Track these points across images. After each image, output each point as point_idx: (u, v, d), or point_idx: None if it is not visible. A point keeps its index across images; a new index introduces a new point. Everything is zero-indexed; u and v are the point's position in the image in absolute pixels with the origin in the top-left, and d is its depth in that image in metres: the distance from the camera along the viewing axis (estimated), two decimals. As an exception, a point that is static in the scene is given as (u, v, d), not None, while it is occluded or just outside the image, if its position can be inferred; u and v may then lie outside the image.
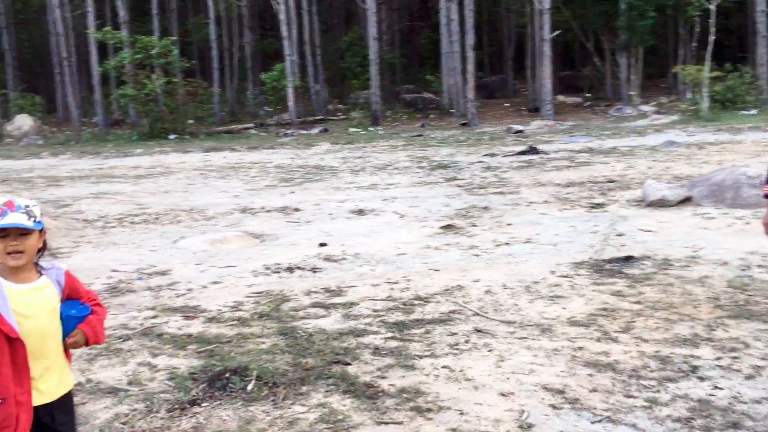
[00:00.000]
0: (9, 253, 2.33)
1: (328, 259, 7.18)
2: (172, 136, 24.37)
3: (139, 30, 32.86)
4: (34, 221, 2.36)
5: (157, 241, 8.31)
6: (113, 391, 4.00)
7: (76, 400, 3.81)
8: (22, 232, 2.33)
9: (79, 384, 4.09)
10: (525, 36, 36.72)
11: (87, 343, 2.56)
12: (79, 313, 2.50)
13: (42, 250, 2.48)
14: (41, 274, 2.47)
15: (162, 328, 5.09)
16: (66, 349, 2.53)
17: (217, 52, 32.04)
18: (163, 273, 6.80)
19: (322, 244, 7.87)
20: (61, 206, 10.81)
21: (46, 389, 2.43)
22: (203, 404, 3.76)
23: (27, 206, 2.37)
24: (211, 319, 5.27)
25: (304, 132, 25.93)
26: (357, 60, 35.67)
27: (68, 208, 10.72)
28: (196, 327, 5.10)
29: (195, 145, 21.85)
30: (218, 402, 3.78)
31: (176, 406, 3.74)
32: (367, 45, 29.89)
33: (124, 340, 4.86)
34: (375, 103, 28.80)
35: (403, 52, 42.76)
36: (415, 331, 4.85)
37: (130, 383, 4.10)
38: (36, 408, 2.40)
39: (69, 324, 2.48)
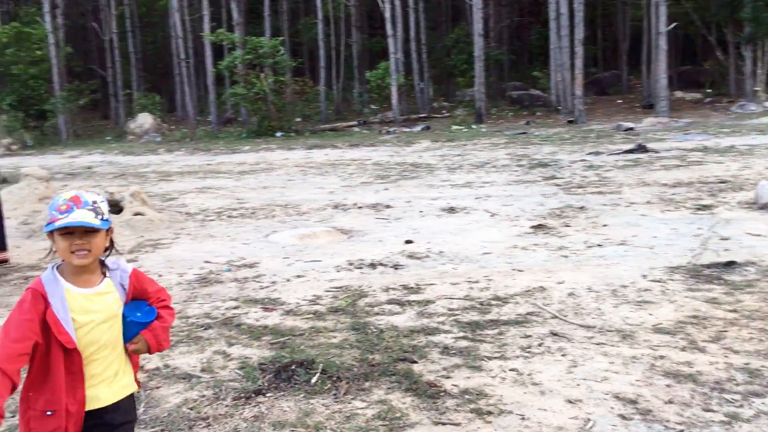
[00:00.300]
0: (74, 252, 2.17)
1: (411, 256, 7.15)
2: (278, 134, 25.10)
3: (252, 32, 34.12)
4: (101, 219, 2.19)
5: (251, 234, 8.56)
6: (187, 377, 4.14)
7: (152, 383, 4.02)
8: (88, 230, 2.17)
9: (157, 369, 4.29)
10: (641, 29, 35.18)
11: (149, 351, 2.39)
12: (143, 318, 2.35)
13: (109, 249, 2.32)
14: (105, 276, 2.31)
15: (241, 319, 5.23)
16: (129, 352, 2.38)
17: (324, 52, 32.70)
18: (251, 265, 7.00)
19: (408, 242, 7.85)
20: (167, 200, 11.36)
21: (95, 395, 2.26)
22: (267, 394, 3.83)
23: (94, 202, 2.20)
24: (288, 312, 5.37)
25: (407, 130, 26.00)
26: (462, 57, 35.37)
27: (174, 201, 11.24)
28: (273, 319, 5.21)
29: (299, 143, 22.39)
30: (282, 393, 3.84)
31: (242, 395, 3.82)
32: (473, 42, 29.60)
33: (205, 329, 5.03)
34: (479, 100, 28.47)
35: (512, 49, 42.02)
36: (488, 331, 4.74)
37: (203, 370, 4.23)
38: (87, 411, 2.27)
39: (131, 329, 2.34)
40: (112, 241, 2.33)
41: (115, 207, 9.24)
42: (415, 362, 4.22)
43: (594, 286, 5.74)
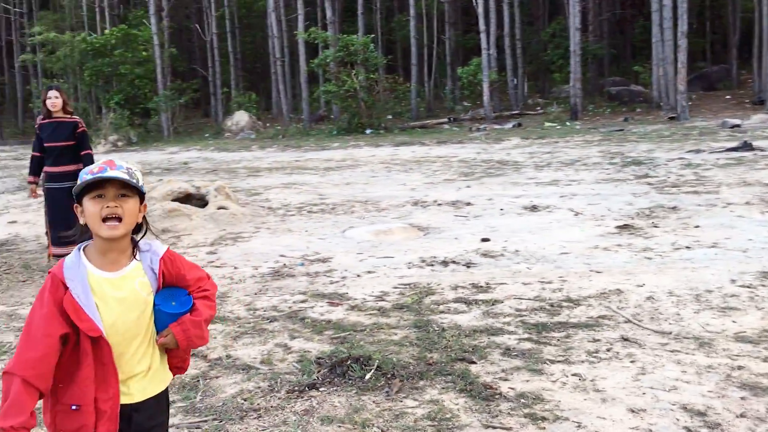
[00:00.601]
0: (105, 220, 1.98)
1: (485, 254, 6.99)
2: (368, 131, 25.27)
3: (347, 30, 34.54)
4: (137, 182, 2.02)
5: (328, 230, 8.62)
6: (246, 368, 4.19)
7: (212, 373, 4.09)
8: (123, 193, 2.00)
9: (219, 359, 4.37)
10: (752, 21, 33.18)
11: (179, 347, 2.13)
12: (174, 309, 2.11)
13: (143, 228, 2.12)
14: (134, 258, 2.10)
15: (306, 313, 5.26)
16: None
17: (417, 49, 32.65)
18: (324, 260, 7.04)
19: (485, 240, 7.69)
20: (252, 194, 11.64)
21: (125, 390, 2.06)
22: (321, 389, 3.82)
23: (129, 168, 2.03)
24: (353, 307, 5.35)
25: (497, 127, 25.60)
26: (559, 52, 34.47)
27: (258, 196, 11.50)
28: (337, 314, 5.20)
29: (388, 140, 22.46)
30: (335, 388, 3.82)
31: (296, 388, 3.83)
32: (569, 36, 28.79)
33: (270, 321, 5.09)
34: (574, 96, 27.68)
35: (613, 43, 40.62)
36: (555, 334, 4.55)
37: (262, 362, 4.27)
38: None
39: (161, 320, 2.11)
40: (145, 220, 2.13)
41: (201, 201, 9.54)
42: (474, 362, 4.11)
43: (676, 290, 5.43)
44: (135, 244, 2.11)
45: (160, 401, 2.17)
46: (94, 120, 30.72)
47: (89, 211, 1.99)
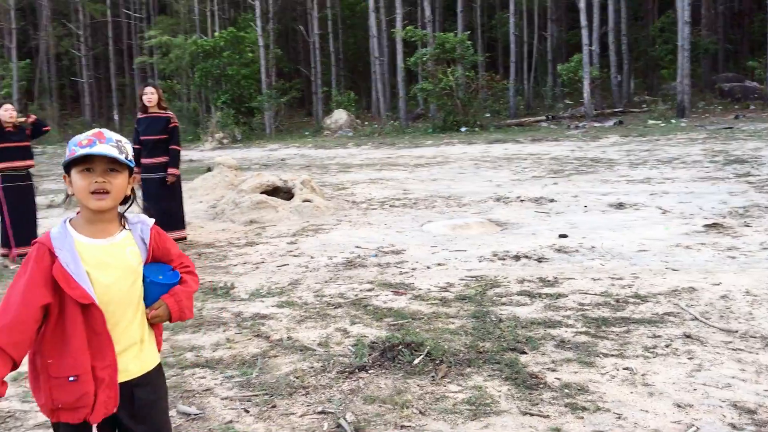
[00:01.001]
0: (93, 192, 1.97)
1: (560, 250, 6.90)
2: (463, 129, 25.19)
3: (449, 28, 34.54)
4: (125, 157, 2.01)
5: (407, 223, 8.74)
6: (303, 349, 4.37)
7: (272, 353, 4.29)
8: (111, 167, 1.99)
9: (280, 340, 4.57)
10: None
11: (170, 319, 2.14)
12: (166, 280, 2.13)
13: (130, 200, 2.12)
14: (124, 228, 2.09)
15: (371, 300, 5.39)
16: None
17: (516, 46, 32.23)
18: (397, 252, 7.16)
19: (562, 236, 7.58)
20: (339, 189, 11.92)
21: (123, 367, 2.05)
22: (370, 371, 3.94)
23: (119, 140, 2.02)
24: (416, 297, 5.44)
25: (597, 125, 24.89)
26: (667, 48, 33.06)
27: (344, 191, 11.77)
28: (400, 302, 5.31)
29: (482, 138, 22.33)
30: (383, 371, 3.92)
31: (347, 369, 3.96)
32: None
33: (335, 308, 5.26)
34: (681, 93, 26.50)
35: (730, 38, 38.55)
36: (615, 329, 4.47)
37: (319, 344, 4.44)
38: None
39: (152, 292, 2.11)
40: (133, 192, 2.12)
41: (288, 194, 9.89)
42: (525, 353, 4.11)
43: (754, 290, 5.19)
44: (121, 215, 2.11)
45: (159, 374, 2.18)
46: (203, 119, 32.21)
47: (77, 184, 1.99)
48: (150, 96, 7.74)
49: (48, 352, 1.98)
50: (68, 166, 2.01)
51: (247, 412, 3.49)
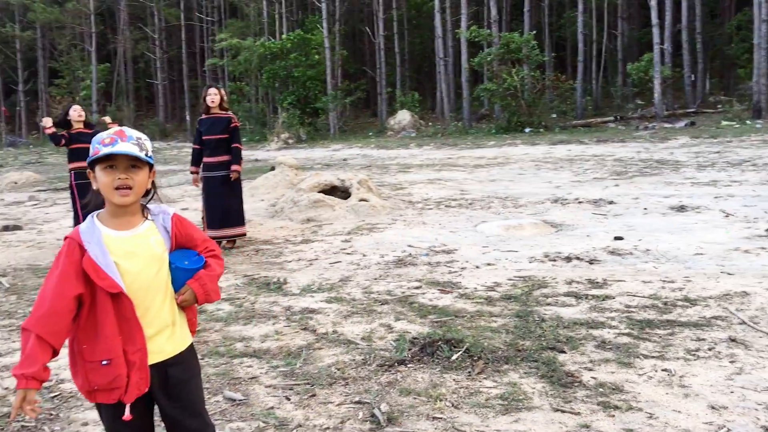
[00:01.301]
0: (117, 188, 2.11)
1: (613, 252, 6.84)
2: (527, 130, 24.97)
3: (516, 28, 34.27)
4: (146, 154, 2.15)
5: (461, 223, 8.79)
6: (347, 343, 4.51)
7: (317, 345, 4.45)
8: (133, 164, 2.13)
9: (326, 333, 4.72)
10: None
11: (197, 302, 2.28)
12: (191, 265, 2.25)
13: (151, 192, 2.27)
14: (146, 219, 2.24)
15: (417, 298, 5.50)
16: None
17: (584, 45, 31.68)
18: (448, 252, 7.23)
19: (618, 238, 7.50)
20: (396, 189, 12.05)
21: (158, 348, 2.20)
22: (408, 365, 4.04)
23: (139, 138, 2.16)
24: (462, 295, 5.51)
25: (667, 125, 24.26)
26: (744, 46, 31.91)
27: (401, 190, 11.89)
28: (445, 300, 5.39)
29: (545, 138, 22.08)
30: (422, 365, 4.02)
31: (386, 363, 4.08)
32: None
33: (381, 304, 5.39)
34: (757, 93, 25.58)
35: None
36: (659, 331, 4.44)
37: (363, 339, 4.57)
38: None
39: (179, 277, 2.24)
40: (154, 185, 2.27)
41: (345, 193, 10.08)
42: (563, 352, 4.13)
43: (811, 296, 5.04)
44: (143, 207, 2.24)
45: (191, 354, 2.32)
46: (270, 119, 32.93)
47: (102, 180, 2.13)
48: (213, 97, 8.03)
49: (82, 339, 2.12)
50: (92, 164, 2.15)
51: (288, 399, 3.65)
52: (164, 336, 2.22)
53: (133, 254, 2.16)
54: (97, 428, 3.39)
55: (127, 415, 2.15)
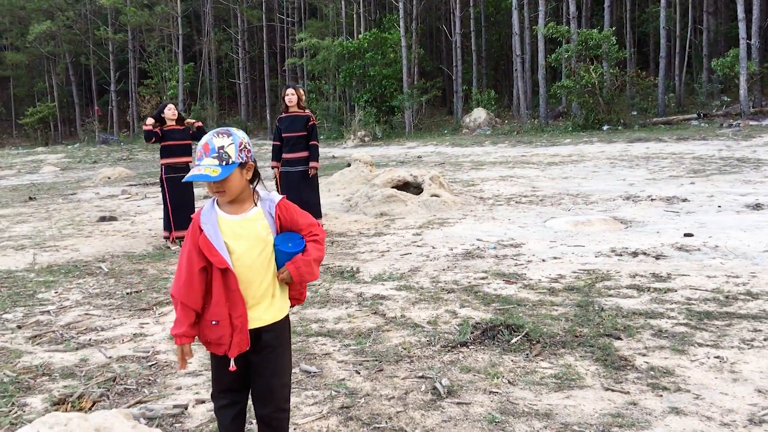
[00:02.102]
0: (215, 191, 2.50)
1: (681, 248, 6.90)
2: (605, 127, 24.62)
3: (598, 23, 33.71)
4: (226, 164, 2.44)
5: (530, 219, 8.96)
6: (414, 326, 4.83)
7: (386, 327, 4.79)
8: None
9: (394, 317, 5.05)
10: None
11: (294, 282, 2.62)
12: (291, 249, 2.56)
13: (255, 179, 2.59)
14: (255, 205, 2.57)
15: (482, 288, 5.76)
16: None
17: (666, 40, 30.85)
18: (516, 246, 7.44)
19: (687, 235, 7.52)
20: (468, 185, 12.27)
21: (257, 316, 2.57)
22: (470, 347, 4.33)
23: (221, 147, 2.45)
24: (526, 286, 5.74)
25: (754, 123, 23.43)
26: (841, 39, 30.38)
27: (473, 187, 12.10)
28: (509, 290, 5.63)
29: (623, 136, 21.75)
30: (482, 347, 4.30)
31: (449, 344, 4.38)
32: None
33: (448, 292, 5.67)
34: None
35: None
36: (717, 322, 4.56)
37: (428, 323, 4.88)
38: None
39: (280, 258, 2.57)
40: (256, 172, 2.58)
41: (417, 189, 10.39)
42: (620, 339, 4.32)
43: None
44: (255, 192, 2.60)
45: (284, 324, 2.67)
46: (347, 117, 33.58)
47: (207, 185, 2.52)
48: (291, 97, 8.49)
49: (206, 301, 2.55)
50: None
51: (358, 373, 3.99)
52: (263, 306, 2.58)
53: (241, 236, 2.52)
54: (188, 393, 3.82)
55: (232, 366, 2.56)
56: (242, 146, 2.50)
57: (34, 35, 47.28)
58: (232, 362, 2.57)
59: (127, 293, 6.14)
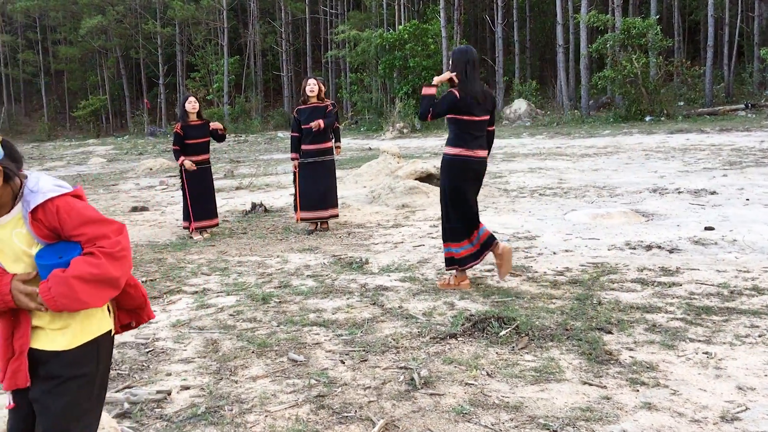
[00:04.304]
0: None
1: (697, 242, 6.75)
2: (648, 118, 24.08)
3: (645, 12, 32.92)
4: None
5: (551, 211, 8.87)
6: (408, 317, 4.86)
7: (381, 318, 4.84)
8: None
9: (391, 308, 5.09)
10: None
11: (44, 307, 1.97)
12: (47, 260, 1.94)
13: (9, 179, 1.97)
14: (12, 208, 2.00)
15: (485, 280, 5.75)
16: None
17: (714, 29, 29.95)
18: (530, 238, 7.38)
19: (708, 228, 7.35)
20: (495, 177, 12.18)
21: (35, 337, 2.07)
22: (458, 338, 4.34)
23: None
24: (529, 278, 5.71)
25: (805, 113, 22.65)
26: None
27: (499, 179, 12.01)
28: (512, 283, 5.61)
29: (664, 127, 21.26)
30: (470, 339, 4.31)
31: (438, 336, 4.40)
32: None
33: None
34: None
35: None
36: (714, 317, 4.48)
37: (423, 314, 4.90)
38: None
39: (40, 272, 1.98)
40: (7, 172, 1.95)
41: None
42: (610, 333, 4.28)
43: None
44: (19, 191, 2.00)
45: (75, 356, 2.07)
46: (386, 109, 33.58)
47: None
48: (312, 87, 8.54)
49: None
50: None
51: (343, 363, 4.05)
52: (41, 331, 2.11)
53: None
54: (176, 379, 3.94)
55: (9, 403, 2.13)
56: None
57: (86, 29, 48.53)
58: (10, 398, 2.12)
59: (143, 281, 6.31)
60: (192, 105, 8.46)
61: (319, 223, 8.54)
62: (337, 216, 8.65)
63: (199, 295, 5.77)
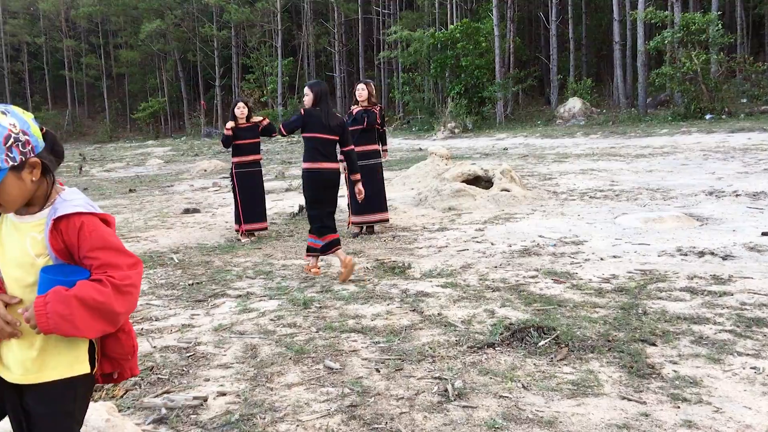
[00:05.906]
0: None
1: (753, 248, 6.50)
2: (708, 116, 23.34)
3: (706, 7, 31.96)
4: None
5: (600, 215, 8.67)
6: (447, 325, 4.81)
7: (420, 325, 4.81)
8: None
9: (431, 315, 5.05)
10: None
11: (37, 328, 1.77)
12: (54, 275, 1.80)
13: (47, 174, 1.88)
14: (43, 209, 1.90)
15: (528, 287, 5.65)
16: None
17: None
18: (577, 243, 7.24)
19: (766, 234, 7.08)
20: (544, 179, 11.99)
21: (6, 363, 1.90)
22: (496, 348, 4.27)
23: None
24: (574, 286, 5.58)
25: None
26: None
27: (549, 181, 11.81)
28: (555, 290, 5.50)
29: (726, 126, 20.57)
30: (508, 349, 4.23)
31: (476, 345, 4.34)
32: None
33: (492, 291, 5.61)
34: None
35: None
36: (766, 330, 4.30)
37: (462, 322, 4.85)
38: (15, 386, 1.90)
39: (40, 285, 1.82)
40: (44, 167, 1.86)
41: (488, 183, 10.27)
42: (654, 345, 4.15)
43: None
44: (48, 194, 1.91)
45: (54, 390, 1.89)
46: (438, 109, 33.47)
47: None
48: (361, 92, 8.58)
49: None
50: None
51: (378, 371, 4.03)
52: (13, 358, 1.94)
53: (5, 240, 1.97)
54: (213, 385, 3.99)
55: None
56: (12, 140, 1.77)
57: (146, 33, 49.88)
58: None
59: (189, 284, 6.43)
60: (241, 111, 8.58)
61: (364, 226, 8.56)
62: (387, 220, 8.65)
63: (243, 298, 5.84)
